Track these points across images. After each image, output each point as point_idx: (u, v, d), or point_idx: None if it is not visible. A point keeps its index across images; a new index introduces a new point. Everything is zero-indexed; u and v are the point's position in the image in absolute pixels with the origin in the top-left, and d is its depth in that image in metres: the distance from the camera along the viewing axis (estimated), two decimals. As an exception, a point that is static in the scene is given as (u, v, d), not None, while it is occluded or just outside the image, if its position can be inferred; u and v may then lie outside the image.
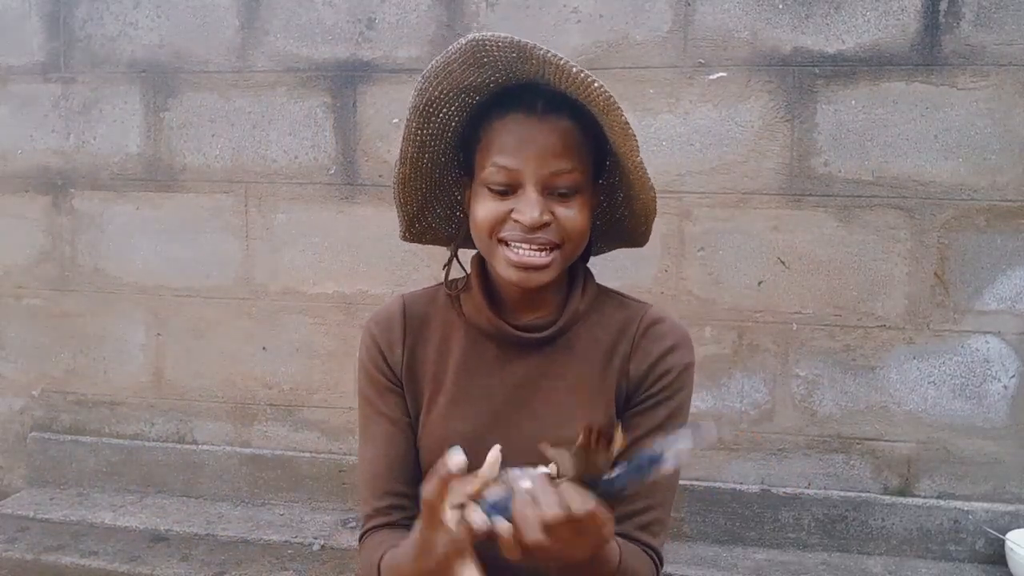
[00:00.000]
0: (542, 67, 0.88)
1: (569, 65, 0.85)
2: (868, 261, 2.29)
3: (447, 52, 0.90)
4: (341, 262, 2.55)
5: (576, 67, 0.85)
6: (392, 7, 2.45)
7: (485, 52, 0.88)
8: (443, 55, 0.90)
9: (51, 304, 2.77)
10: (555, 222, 0.91)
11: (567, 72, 0.86)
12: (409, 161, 0.99)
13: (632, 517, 0.96)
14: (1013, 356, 2.26)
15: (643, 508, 0.96)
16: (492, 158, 0.92)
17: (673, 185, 2.34)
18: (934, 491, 2.32)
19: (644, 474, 0.72)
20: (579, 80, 0.86)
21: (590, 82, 0.85)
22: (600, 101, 0.87)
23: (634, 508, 0.96)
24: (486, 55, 0.89)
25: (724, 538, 2.37)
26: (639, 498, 0.96)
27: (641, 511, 0.96)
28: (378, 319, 1.06)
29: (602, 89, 0.86)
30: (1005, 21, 2.17)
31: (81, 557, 2.31)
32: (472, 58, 0.89)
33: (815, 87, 2.26)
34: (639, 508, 0.96)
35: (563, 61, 0.85)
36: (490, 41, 0.87)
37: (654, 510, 0.97)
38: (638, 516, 0.96)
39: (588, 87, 0.86)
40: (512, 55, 0.88)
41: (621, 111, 0.87)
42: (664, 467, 0.71)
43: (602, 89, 0.86)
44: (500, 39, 0.86)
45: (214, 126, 2.59)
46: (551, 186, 0.91)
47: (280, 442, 2.65)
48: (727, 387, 2.38)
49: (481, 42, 0.87)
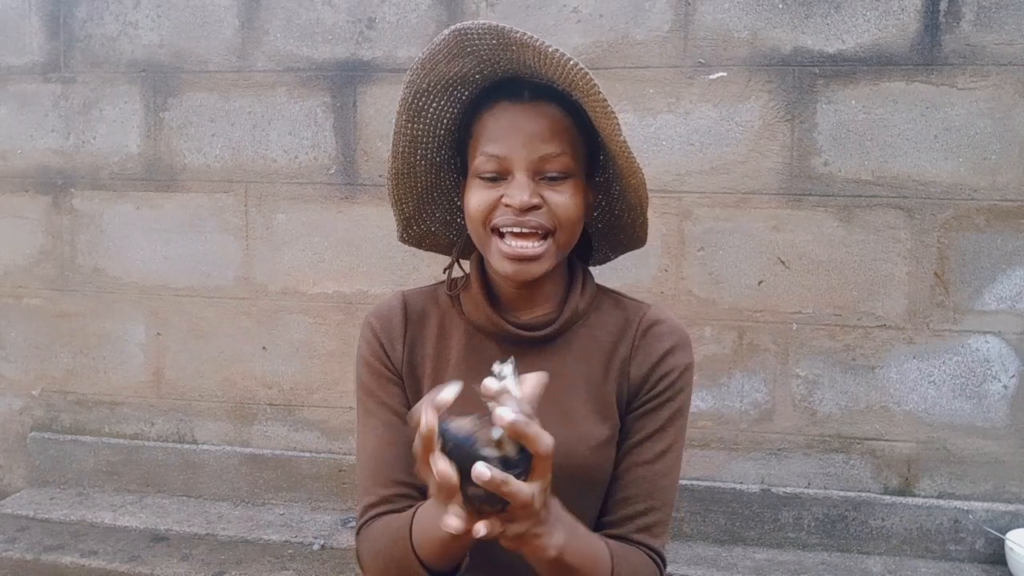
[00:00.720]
0: (521, 51, 0.89)
1: (546, 46, 0.86)
2: (868, 261, 2.29)
3: (432, 44, 0.91)
4: (341, 262, 2.55)
5: (552, 48, 0.86)
6: (392, 7, 2.45)
7: (468, 40, 0.89)
8: (428, 47, 0.91)
9: (51, 304, 2.77)
10: (546, 206, 0.92)
11: (544, 53, 0.87)
12: (401, 156, 0.99)
13: (633, 519, 0.96)
14: (1013, 356, 2.26)
15: (644, 510, 0.96)
16: (481, 147, 0.93)
17: (673, 185, 2.34)
18: (934, 491, 2.32)
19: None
20: (556, 61, 0.86)
21: (566, 61, 0.86)
22: (579, 81, 0.87)
23: (635, 510, 0.96)
24: (469, 43, 0.90)
25: (724, 538, 2.37)
26: (639, 499, 0.96)
27: (642, 513, 0.96)
28: (379, 314, 1.05)
29: (579, 68, 0.86)
30: (1005, 21, 2.17)
31: (81, 557, 2.31)
32: (457, 47, 0.90)
33: (815, 87, 2.26)
34: (640, 510, 0.96)
35: (540, 43, 0.86)
36: (472, 29, 0.88)
37: (656, 511, 0.96)
38: (639, 518, 0.96)
39: (565, 67, 0.87)
40: (493, 41, 0.89)
41: (599, 90, 0.87)
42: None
43: (579, 68, 0.86)
44: (480, 26, 0.88)
45: (214, 126, 2.59)
46: (540, 171, 0.92)
47: (280, 442, 2.65)
48: (727, 387, 2.38)
49: (463, 30, 0.88)
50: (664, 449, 0.97)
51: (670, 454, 0.98)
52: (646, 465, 0.97)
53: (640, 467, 0.97)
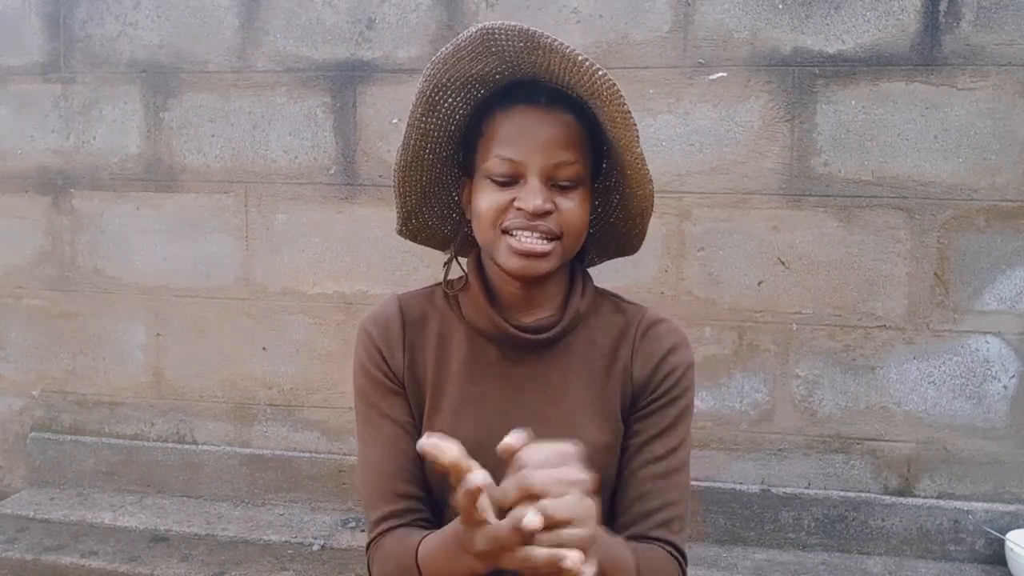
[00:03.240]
0: (548, 56, 0.89)
1: (575, 53, 0.86)
2: (868, 261, 2.29)
3: (456, 40, 0.90)
4: (341, 262, 2.55)
5: (582, 55, 0.86)
6: (392, 7, 2.45)
7: (494, 41, 0.89)
8: (452, 42, 0.91)
9: (51, 304, 2.77)
10: (556, 212, 0.92)
11: (572, 60, 0.87)
12: (412, 149, 0.99)
13: (650, 516, 0.95)
14: (1013, 356, 2.26)
15: (660, 506, 0.95)
16: (496, 150, 0.93)
17: (673, 185, 2.34)
18: (934, 491, 2.32)
19: None
20: (584, 68, 0.87)
21: (595, 70, 0.86)
22: (603, 90, 0.88)
23: (651, 507, 0.95)
24: (495, 44, 0.90)
25: (724, 538, 2.37)
26: (654, 496, 0.95)
27: (658, 509, 0.95)
28: (375, 321, 1.04)
29: (606, 77, 0.87)
30: (1005, 21, 2.17)
31: (81, 557, 2.31)
32: (482, 46, 0.90)
33: (815, 87, 2.26)
34: (656, 506, 0.95)
35: (569, 50, 0.86)
36: (500, 30, 0.88)
37: (672, 507, 0.96)
38: (656, 514, 0.95)
39: (592, 75, 0.87)
40: (520, 44, 0.89)
41: (624, 100, 0.88)
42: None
43: (606, 77, 0.87)
44: (509, 27, 0.87)
45: (214, 126, 2.59)
46: (554, 177, 0.92)
47: (280, 442, 2.65)
48: (727, 387, 2.38)
49: (491, 30, 0.88)
50: (675, 446, 0.97)
51: (681, 450, 0.98)
52: (658, 462, 0.96)
53: (652, 464, 0.96)
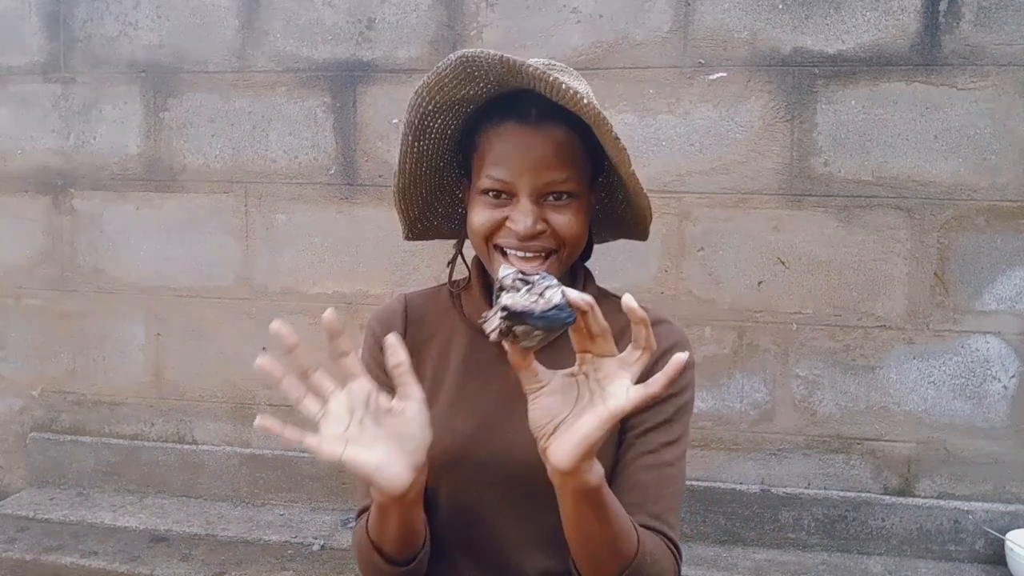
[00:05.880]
0: (531, 81, 0.89)
1: (559, 82, 0.85)
2: (868, 261, 2.29)
3: (437, 68, 0.90)
4: (341, 262, 2.55)
5: (565, 84, 0.85)
6: (392, 7, 2.45)
7: (475, 67, 0.89)
8: (433, 71, 0.91)
9: (51, 304, 2.77)
10: (549, 229, 0.93)
11: (556, 88, 0.86)
12: (408, 172, 1.01)
13: (644, 505, 0.95)
14: (1013, 356, 2.26)
15: (655, 496, 0.96)
16: (487, 169, 0.93)
17: (673, 185, 2.34)
18: (934, 491, 2.32)
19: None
20: (567, 97, 0.86)
21: (578, 99, 0.85)
22: (590, 117, 0.87)
23: (646, 496, 0.95)
24: (476, 69, 0.89)
25: (724, 538, 2.37)
26: (649, 486, 0.96)
27: (653, 500, 0.96)
28: (380, 316, 1.07)
29: (591, 106, 0.86)
30: (1005, 21, 2.17)
31: (81, 557, 2.31)
32: (463, 73, 0.90)
33: (815, 87, 2.26)
34: (651, 496, 0.96)
35: (552, 77, 0.85)
36: (479, 57, 0.87)
37: (665, 499, 0.96)
38: (651, 504, 0.95)
39: (577, 104, 0.86)
40: (502, 70, 0.88)
41: (611, 126, 0.87)
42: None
43: (591, 106, 0.86)
44: (488, 56, 0.86)
45: (214, 126, 2.59)
46: (545, 194, 0.93)
47: (280, 442, 2.64)
48: (727, 387, 2.38)
49: (471, 58, 0.87)
50: (671, 440, 0.98)
51: (677, 446, 0.98)
52: (653, 454, 0.97)
53: (648, 455, 0.97)
